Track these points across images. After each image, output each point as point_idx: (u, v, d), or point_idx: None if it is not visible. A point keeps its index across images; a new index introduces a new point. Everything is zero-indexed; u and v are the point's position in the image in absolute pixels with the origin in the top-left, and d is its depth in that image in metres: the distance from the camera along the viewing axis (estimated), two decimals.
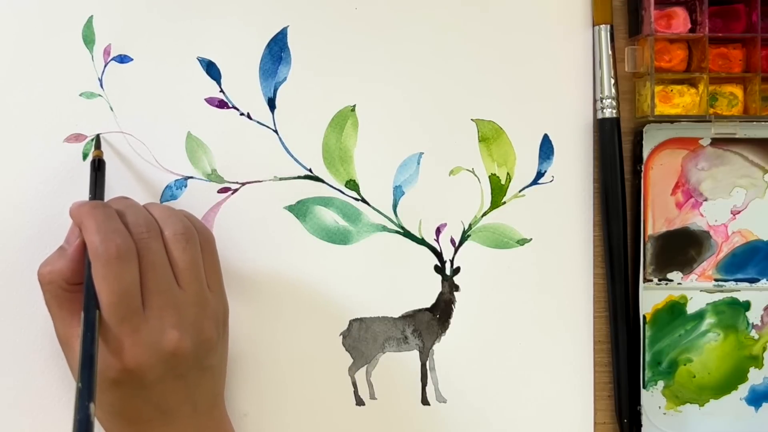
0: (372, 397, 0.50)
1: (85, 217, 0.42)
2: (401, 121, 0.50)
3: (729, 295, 0.51)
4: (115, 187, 0.49)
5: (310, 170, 0.50)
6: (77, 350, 0.39)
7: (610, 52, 0.50)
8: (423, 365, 0.50)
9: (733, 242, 0.51)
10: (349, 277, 0.50)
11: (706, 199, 0.51)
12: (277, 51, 0.50)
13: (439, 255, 0.51)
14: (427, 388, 0.51)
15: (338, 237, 0.50)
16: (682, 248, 0.51)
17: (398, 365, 0.50)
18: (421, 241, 0.51)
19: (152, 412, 0.42)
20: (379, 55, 0.50)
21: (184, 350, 0.41)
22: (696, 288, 0.51)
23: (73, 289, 0.42)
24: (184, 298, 0.42)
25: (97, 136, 0.48)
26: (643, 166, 0.50)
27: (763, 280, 0.51)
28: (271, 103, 0.50)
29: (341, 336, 0.50)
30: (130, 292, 0.40)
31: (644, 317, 0.51)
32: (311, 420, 0.50)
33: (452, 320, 0.51)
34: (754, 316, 0.51)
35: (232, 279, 0.49)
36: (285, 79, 0.50)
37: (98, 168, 0.47)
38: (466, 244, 0.51)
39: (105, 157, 0.48)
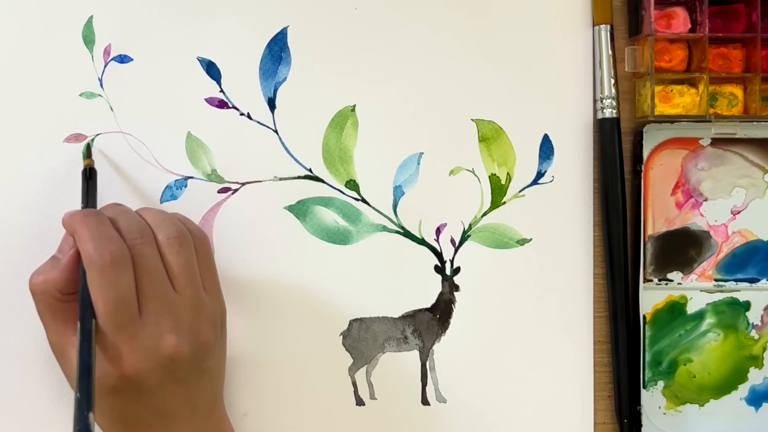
0: (372, 397, 0.50)
1: (78, 226, 0.42)
2: (401, 121, 0.51)
3: (729, 295, 0.51)
4: (114, 188, 0.49)
5: (310, 170, 0.50)
6: (73, 359, 0.39)
7: (610, 52, 0.50)
8: (423, 365, 0.51)
9: (733, 242, 0.52)
10: (349, 277, 0.50)
11: (706, 199, 0.51)
12: (277, 51, 0.50)
13: (439, 255, 0.51)
14: (427, 388, 0.51)
15: (338, 237, 0.50)
16: (682, 248, 0.51)
17: (398, 365, 0.51)
18: (421, 241, 0.51)
19: (152, 416, 0.42)
20: (379, 55, 0.50)
21: (182, 354, 0.41)
22: (696, 288, 0.51)
23: (67, 299, 0.42)
24: (180, 302, 0.42)
25: (88, 145, 0.48)
26: (643, 166, 0.50)
27: (763, 280, 0.51)
28: (271, 103, 0.50)
29: (341, 336, 0.50)
30: (126, 298, 0.40)
31: (644, 317, 0.51)
32: (311, 420, 0.50)
33: (452, 320, 0.51)
34: (754, 316, 0.51)
35: (232, 279, 0.49)
36: (285, 79, 0.50)
37: (90, 177, 0.46)
38: (466, 244, 0.51)
39: (104, 159, 0.49)
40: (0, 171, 0.49)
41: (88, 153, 0.48)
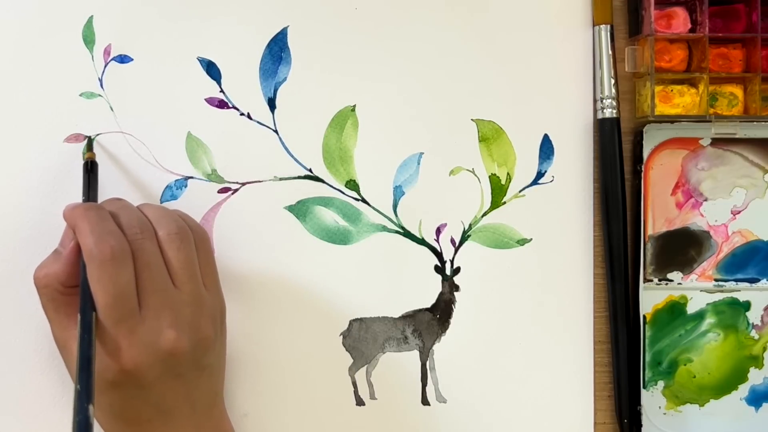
0: (372, 397, 0.50)
1: (78, 219, 0.42)
2: (401, 121, 0.51)
3: (729, 295, 0.52)
4: (114, 187, 0.49)
5: (310, 170, 0.50)
6: (75, 353, 0.39)
7: (610, 52, 0.50)
8: (423, 365, 0.51)
9: (733, 242, 0.52)
10: (349, 277, 0.50)
11: (706, 199, 0.51)
12: (277, 51, 0.50)
13: (439, 255, 0.51)
14: (427, 388, 0.51)
15: (338, 237, 0.50)
16: (682, 248, 0.51)
17: (398, 365, 0.51)
18: (421, 241, 0.51)
19: (151, 412, 0.42)
20: (379, 55, 0.51)
21: (182, 349, 0.41)
22: (696, 288, 0.51)
23: (69, 292, 0.42)
24: (180, 298, 0.42)
25: (89, 138, 0.48)
26: (643, 166, 0.51)
27: (763, 280, 0.52)
28: (271, 103, 0.50)
29: (341, 336, 0.50)
30: (126, 293, 0.40)
31: (644, 317, 0.51)
32: (311, 420, 0.50)
33: (452, 320, 0.51)
34: (754, 316, 0.51)
35: (232, 279, 0.49)
36: (285, 79, 0.50)
37: (91, 170, 0.47)
38: (466, 244, 0.51)
39: (105, 158, 0.49)
40: (0, 170, 0.49)
41: (89, 146, 0.48)
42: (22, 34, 0.49)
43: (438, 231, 0.51)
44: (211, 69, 0.50)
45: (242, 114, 0.50)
